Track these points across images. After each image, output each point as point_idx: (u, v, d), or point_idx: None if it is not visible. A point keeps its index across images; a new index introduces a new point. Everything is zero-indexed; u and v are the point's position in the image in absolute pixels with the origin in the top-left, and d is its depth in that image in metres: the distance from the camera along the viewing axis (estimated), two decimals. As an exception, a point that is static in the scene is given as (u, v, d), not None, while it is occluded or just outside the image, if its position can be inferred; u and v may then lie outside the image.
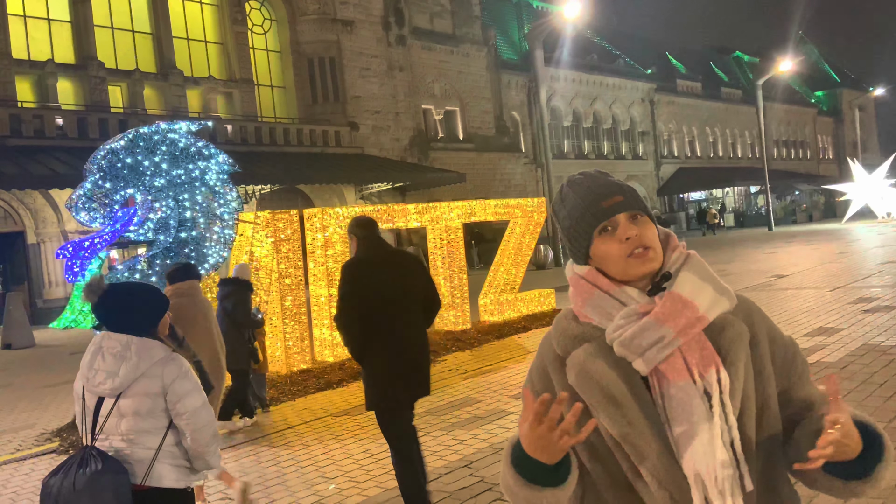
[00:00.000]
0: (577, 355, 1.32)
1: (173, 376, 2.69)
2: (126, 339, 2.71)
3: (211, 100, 28.06)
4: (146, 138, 7.19)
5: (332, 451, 5.84)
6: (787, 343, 1.41)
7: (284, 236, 8.85)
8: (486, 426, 6.07)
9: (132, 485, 2.60)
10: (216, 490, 5.18)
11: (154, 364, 2.69)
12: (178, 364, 2.74)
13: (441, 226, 11.04)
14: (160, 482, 2.67)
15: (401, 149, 32.18)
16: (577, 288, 1.39)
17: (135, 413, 2.66)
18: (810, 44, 75.72)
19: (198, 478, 2.87)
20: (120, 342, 2.71)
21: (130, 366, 2.67)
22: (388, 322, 3.95)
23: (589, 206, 1.35)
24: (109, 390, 2.68)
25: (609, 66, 47.22)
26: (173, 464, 2.71)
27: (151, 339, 2.76)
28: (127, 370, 2.66)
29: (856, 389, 6.04)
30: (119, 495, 2.54)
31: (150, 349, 2.72)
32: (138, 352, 2.69)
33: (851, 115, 71.39)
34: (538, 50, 22.85)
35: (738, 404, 1.27)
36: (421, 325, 4.18)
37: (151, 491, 2.65)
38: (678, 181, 50.37)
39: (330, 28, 30.29)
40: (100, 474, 2.54)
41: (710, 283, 1.32)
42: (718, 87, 58.40)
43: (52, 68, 23.76)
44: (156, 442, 2.67)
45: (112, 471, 2.57)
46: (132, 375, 2.66)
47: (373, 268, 4.01)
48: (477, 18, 37.41)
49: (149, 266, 7.17)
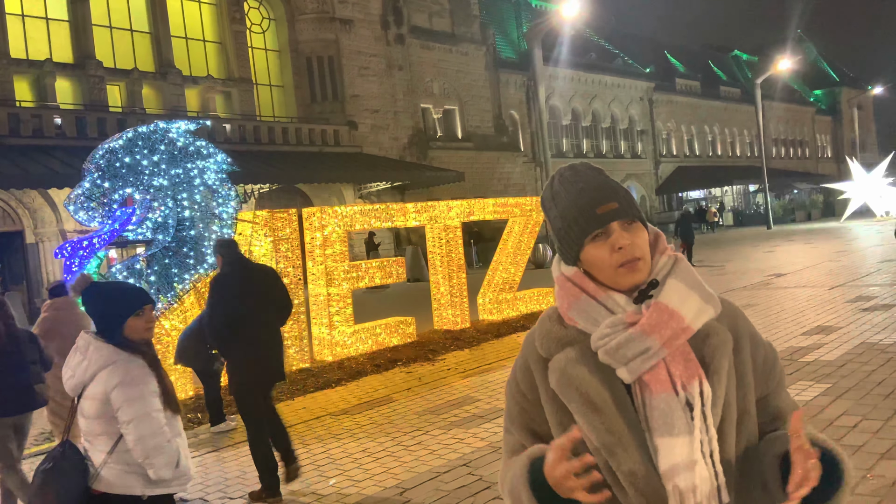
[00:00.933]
0: (560, 359, 1.32)
1: (114, 382, 2.59)
2: (88, 339, 2.69)
3: (209, 99, 28.03)
4: (145, 137, 7.19)
5: (331, 450, 5.84)
6: (768, 350, 1.43)
7: (283, 235, 8.85)
8: (485, 425, 6.07)
9: (89, 487, 2.57)
10: (217, 490, 5.18)
11: (100, 367, 2.63)
12: (124, 370, 2.62)
13: (440, 225, 11.04)
14: (109, 488, 2.62)
15: (399, 148, 32.17)
16: (563, 289, 1.38)
17: (88, 415, 2.64)
18: (809, 42, 75.74)
19: (165, 486, 2.70)
20: (86, 340, 2.69)
21: (83, 366, 2.64)
22: (246, 323, 4.91)
23: (582, 210, 1.33)
24: (71, 389, 2.68)
25: (608, 65, 47.23)
26: (127, 470, 2.63)
27: (108, 342, 2.66)
28: (81, 370, 2.65)
29: (854, 388, 6.05)
30: (60, 495, 2.51)
31: (101, 350, 2.65)
32: (92, 353, 2.65)
33: (850, 114, 71.43)
34: (537, 49, 22.81)
35: (720, 412, 1.28)
36: (274, 325, 5.20)
37: (103, 496, 2.61)
38: (677, 180, 50.39)
39: (328, 27, 30.27)
40: (50, 472, 2.54)
41: (696, 290, 1.32)
42: (717, 85, 58.41)
43: (50, 67, 23.73)
44: (108, 446, 2.62)
45: (64, 470, 2.54)
46: (85, 376, 2.64)
47: (234, 280, 5.04)
48: (476, 17, 37.40)
49: (147, 265, 7.17)
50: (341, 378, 8.46)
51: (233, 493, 5.04)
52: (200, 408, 7.32)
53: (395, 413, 6.84)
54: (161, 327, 7.45)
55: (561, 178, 1.40)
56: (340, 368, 8.79)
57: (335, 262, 9.42)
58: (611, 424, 1.26)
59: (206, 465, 5.77)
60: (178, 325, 7.62)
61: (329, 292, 9.36)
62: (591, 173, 1.38)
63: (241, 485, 5.20)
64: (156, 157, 7.17)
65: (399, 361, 9.09)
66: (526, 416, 1.39)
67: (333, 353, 9.30)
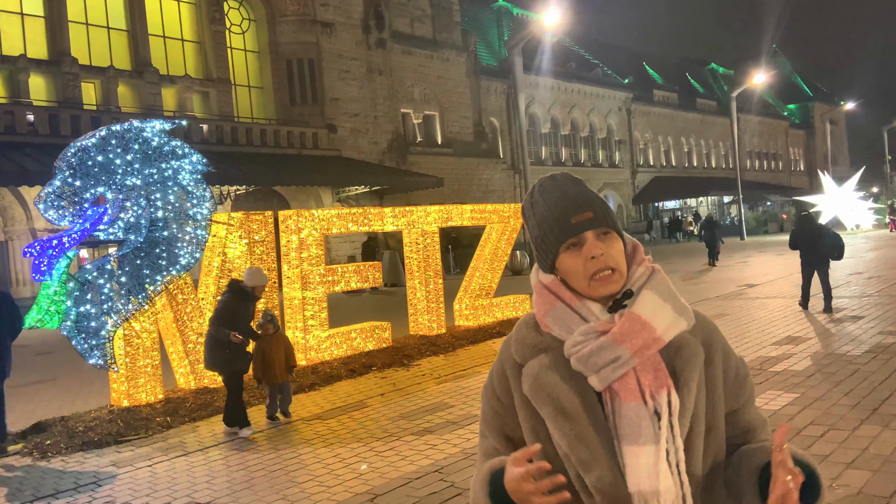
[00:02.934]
0: (533, 366, 1.33)
1: None
2: None
3: (187, 99, 27.75)
4: (118, 136, 7.08)
5: (303, 455, 5.79)
6: (739, 364, 1.44)
7: (258, 238, 8.77)
8: (458, 431, 6.06)
9: None
10: (184, 495, 5.10)
11: None
12: None
13: (417, 230, 11.02)
14: None
15: (379, 152, 32.11)
16: (540, 297, 1.40)
17: None
18: (783, 57, 77.17)
19: None
20: None
21: None
22: None
23: (558, 219, 1.35)
24: None
25: (587, 75, 47.66)
26: None
27: None
28: None
29: (821, 398, 6.14)
30: None
31: None
32: None
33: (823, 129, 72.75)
34: (518, 57, 22.92)
35: (688, 423, 1.30)
36: None
37: None
38: (653, 190, 50.93)
39: (309, 29, 30.16)
40: None
41: (670, 302, 1.33)
42: (694, 98, 59.23)
43: (24, 63, 23.34)
44: None
45: None
46: None
47: None
48: (457, 24, 37.52)
49: (118, 266, 7.05)
50: (315, 382, 8.38)
51: (201, 498, 4.96)
52: (169, 411, 7.21)
53: (368, 418, 6.80)
54: (132, 329, 7.33)
55: (541, 188, 1.41)
56: (314, 373, 8.71)
57: (311, 265, 9.36)
58: (580, 431, 1.28)
59: (175, 469, 5.68)
60: (149, 326, 7.51)
61: (304, 296, 9.29)
62: (570, 183, 1.39)
63: (209, 489, 5.13)
64: (129, 157, 7.06)
65: (374, 367, 9.05)
66: (500, 420, 1.40)
67: (307, 357, 9.23)
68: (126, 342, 7.35)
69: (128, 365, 7.35)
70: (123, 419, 6.94)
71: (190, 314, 8.04)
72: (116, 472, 5.73)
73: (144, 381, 7.48)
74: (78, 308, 6.79)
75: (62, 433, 6.70)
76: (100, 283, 6.92)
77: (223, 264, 8.49)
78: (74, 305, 6.78)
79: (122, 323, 7.06)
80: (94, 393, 8.89)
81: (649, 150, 52.98)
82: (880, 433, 5.10)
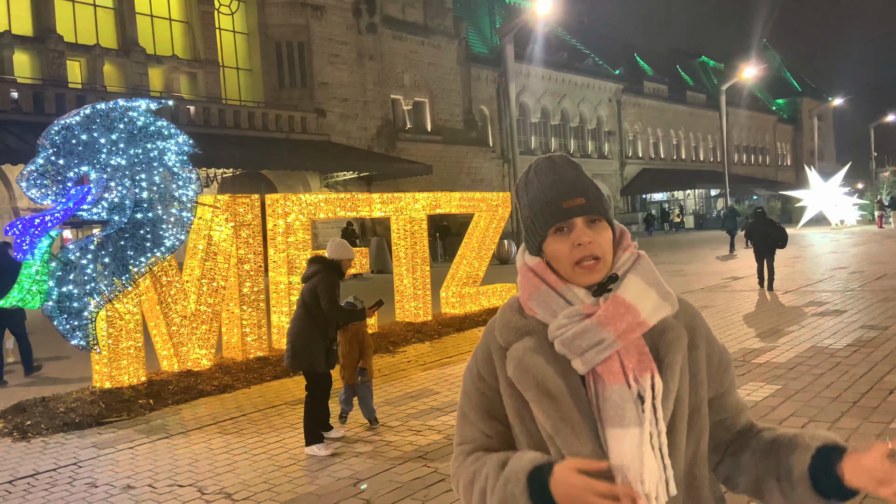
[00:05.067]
0: (517, 349, 1.33)
1: None
2: None
3: (174, 79, 27.43)
4: (103, 115, 6.97)
5: (286, 439, 5.77)
6: (722, 351, 1.45)
7: (244, 221, 8.70)
8: (442, 417, 6.07)
9: None
10: (166, 477, 5.07)
11: None
12: None
13: (405, 217, 10.98)
14: None
15: (368, 138, 31.94)
16: (525, 279, 1.39)
17: None
18: (773, 51, 77.42)
19: None
20: None
21: None
22: None
23: (550, 202, 1.34)
24: None
25: (578, 65, 47.59)
26: None
27: None
28: None
29: (803, 390, 6.21)
30: None
31: None
32: None
33: (810, 124, 73.25)
34: (509, 46, 22.83)
35: (671, 407, 1.30)
36: None
37: None
38: (641, 181, 51.11)
39: (299, 12, 29.85)
40: None
41: (654, 288, 1.33)
42: (684, 90, 59.35)
43: (8, 40, 22.94)
44: None
45: None
46: None
47: None
48: (449, 10, 37.28)
49: (102, 247, 6.97)
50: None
51: (182, 481, 4.94)
52: (152, 394, 7.17)
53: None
54: (115, 311, 7.26)
55: (537, 168, 1.40)
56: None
57: (297, 250, 9.31)
58: (565, 413, 1.27)
59: (157, 451, 5.65)
60: (132, 308, 7.44)
61: (290, 281, 9.24)
62: (567, 167, 1.38)
63: (191, 472, 5.10)
64: (114, 136, 6.96)
65: (359, 352, 9.02)
66: (487, 401, 1.40)
67: (292, 342, 9.19)
68: (109, 323, 7.27)
69: (110, 346, 7.29)
70: (105, 401, 6.89)
71: (174, 296, 7.97)
72: (97, 453, 5.69)
73: (127, 363, 7.42)
74: (60, 288, 6.71)
75: (43, 414, 6.64)
76: (83, 264, 6.83)
77: (208, 247, 8.41)
78: (57, 285, 6.70)
79: (104, 304, 6.99)
80: (75, 374, 8.82)
81: (638, 141, 53.10)
82: (860, 426, 5.16)
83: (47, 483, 5.07)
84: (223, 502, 4.52)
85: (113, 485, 4.95)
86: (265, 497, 4.56)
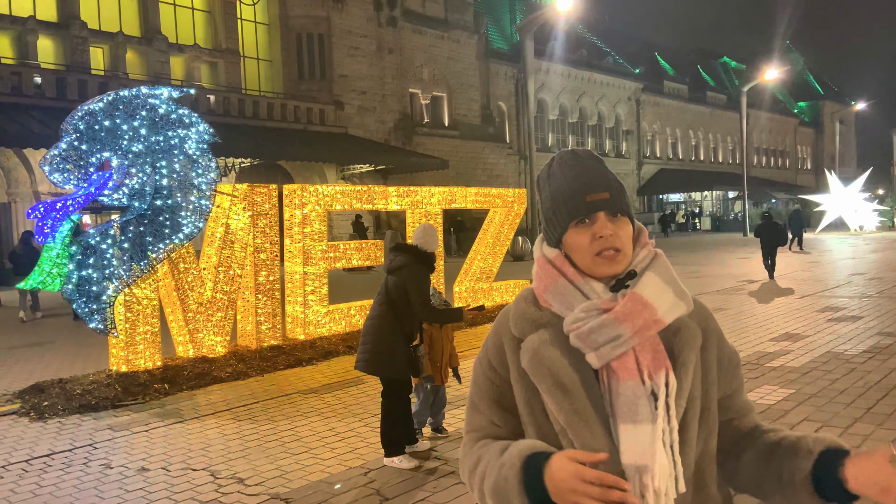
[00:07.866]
0: (533, 340, 1.33)
1: None
2: None
3: (195, 68, 27.60)
4: (126, 102, 7.04)
5: (298, 427, 5.83)
6: (732, 352, 1.46)
7: (262, 210, 8.76)
8: (452, 410, 6.09)
9: None
10: (179, 461, 5.14)
11: None
12: None
13: (421, 210, 11.00)
14: None
15: (385, 131, 31.98)
16: (542, 270, 1.40)
17: None
18: (796, 53, 76.47)
19: None
20: None
21: None
22: None
23: (573, 195, 1.34)
24: None
25: (598, 63, 47.30)
26: None
27: None
28: None
29: (816, 395, 6.17)
30: None
31: None
32: None
33: (832, 128, 72.43)
34: (529, 42, 22.72)
35: (684, 405, 1.31)
36: None
37: None
38: (659, 182, 50.78)
39: (320, 4, 29.92)
40: None
41: (671, 286, 1.34)
42: (704, 91, 58.81)
43: (33, 25, 23.18)
44: None
45: None
46: None
47: None
48: (469, 5, 37.20)
49: (121, 232, 7.06)
50: (312, 357, 8.43)
51: (195, 465, 5.00)
52: (167, 379, 7.25)
53: (364, 395, 6.84)
54: (133, 296, 7.35)
55: (561, 160, 1.41)
56: (312, 348, 8.75)
57: (313, 241, 9.36)
58: (578, 405, 1.28)
59: (171, 435, 5.73)
60: (150, 293, 7.53)
61: (305, 271, 9.30)
62: (591, 161, 1.39)
63: (204, 456, 5.17)
64: (136, 123, 7.03)
65: (371, 344, 9.06)
66: (497, 391, 1.40)
67: (306, 332, 9.26)
68: (126, 308, 7.37)
69: (127, 331, 7.38)
70: (121, 384, 6.99)
71: (191, 283, 8.06)
72: (113, 435, 5.78)
73: (143, 347, 7.52)
74: (80, 272, 6.81)
75: (60, 395, 6.75)
76: (102, 248, 6.92)
77: (226, 235, 8.49)
78: (77, 269, 6.79)
79: (123, 289, 7.07)
80: (92, 357, 8.94)
81: (656, 141, 52.74)
82: (873, 432, 5.13)
83: (63, 463, 5.15)
84: (235, 487, 4.58)
85: (127, 466, 5.03)
86: (276, 483, 4.62)
